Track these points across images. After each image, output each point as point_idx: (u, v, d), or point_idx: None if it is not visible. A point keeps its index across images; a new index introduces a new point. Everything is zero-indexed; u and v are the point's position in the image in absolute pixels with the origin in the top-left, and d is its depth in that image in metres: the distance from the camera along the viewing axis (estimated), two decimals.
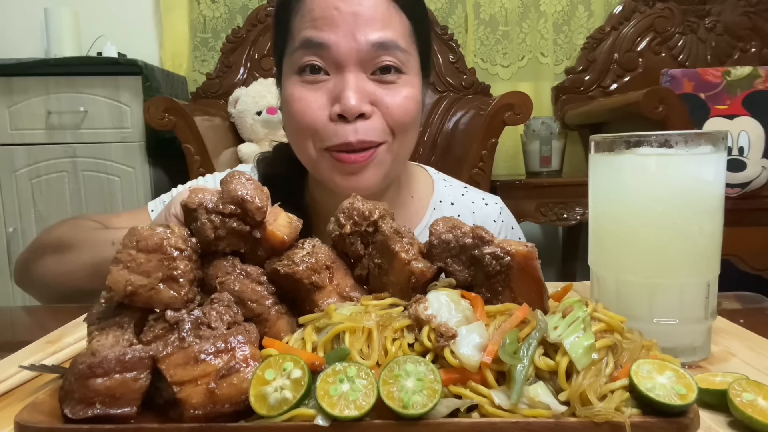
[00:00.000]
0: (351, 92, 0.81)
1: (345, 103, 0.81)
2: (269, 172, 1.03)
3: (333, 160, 0.86)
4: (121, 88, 2.28)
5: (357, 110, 0.82)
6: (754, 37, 2.78)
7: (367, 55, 0.83)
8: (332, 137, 0.84)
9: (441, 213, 1.02)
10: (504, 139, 2.61)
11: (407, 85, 0.86)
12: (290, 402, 0.43)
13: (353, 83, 0.82)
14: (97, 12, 2.72)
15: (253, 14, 2.72)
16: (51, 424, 0.45)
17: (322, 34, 0.82)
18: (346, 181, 0.86)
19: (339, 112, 0.82)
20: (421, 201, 1.03)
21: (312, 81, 0.85)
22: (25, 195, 2.29)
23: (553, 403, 0.44)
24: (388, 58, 0.84)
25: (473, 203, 1.05)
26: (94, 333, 0.50)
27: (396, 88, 0.85)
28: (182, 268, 0.50)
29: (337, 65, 0.83)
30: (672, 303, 0.61)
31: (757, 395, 0.48)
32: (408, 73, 0.87)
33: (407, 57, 0.86)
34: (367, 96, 0.83)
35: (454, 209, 1.03)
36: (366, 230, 0.60)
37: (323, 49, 0.83)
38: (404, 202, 1.01)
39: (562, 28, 2.86)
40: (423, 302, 0.51)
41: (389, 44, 0.83)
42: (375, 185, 0.88)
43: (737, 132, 2.19)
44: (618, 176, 0.64)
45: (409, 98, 0.86)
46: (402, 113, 0.85)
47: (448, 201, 1.04)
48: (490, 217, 1.04)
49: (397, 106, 0.85)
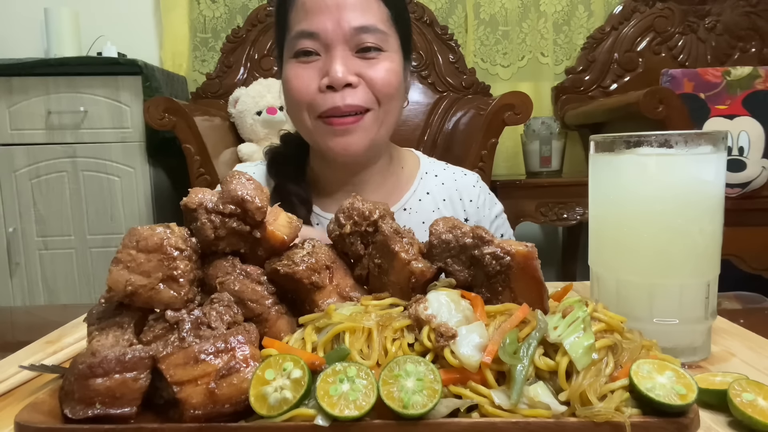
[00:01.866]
0: (338, 65, 0.95)
1: (333, 75, 0.95)
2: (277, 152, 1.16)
3: (325, 125, 0.99)
4: (121, 88, 2.28)
5: (343, 80, 0.95)
6: (754, 37, 2.78)
7: (351, 37, 0.97)
8: (322, 104, 0.97)
9: (427, 181, 1.16)
10: (504, 139, 2.61)
11: (387, 60, 1.00)
12: (290, 402, 0.43)
13: (339, 59, 0.96)
14: (97, 12, 2.72)
15: (253, 14, 2.72)
16: (51, 424, 0.45)
17: (313, 24, 0.97)
18: (336, 143, 0.99)
19: (328, 84, 0.96)
20: (410, 172, 1.18)
21: (305, 61, 0.99)
22: (25, 195, 2.28)
23: (553, 403, 0.44)
24: (369, 38, 0.98)
25: (454, 173, 1.20)
26: (94, 333, 0.50)
27: (377, 63, 0.99)
28: (182, 268, 0.50)
29: (326, 47, 0.97)
30: (672, 303, 0.61)
31: (757, 395, 0.48)
32: (388, 50, 1.00)
33: (386, 37, 1.00)
34: (352, 69, 0.97)
35: (439, 179, 1.17)
36: (366, 230, 0.60)
37: (315, 36, 0.97)
38: (395, 171, 1.15)
39: (562, 28, 2.86)
40: (423, 302, 0.51)
41: (369, 27, 0.98)
42: (363, 148, 1.00)
43: (737, 132, 2.19)
44: (618, 176, 0.64)
45: (389, 71, 1.00)
46: (384, 83, 0.99)
47: (433, 173, 1.18)
48: (470, 183, 1.18)
49: (379, 77, 0.98)
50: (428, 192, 1.14)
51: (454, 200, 1.14)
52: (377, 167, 1.10)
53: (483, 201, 1.16)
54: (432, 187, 1.15)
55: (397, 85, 1.01)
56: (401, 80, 1.03)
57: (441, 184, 1.16)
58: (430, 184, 1.15)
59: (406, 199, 1.12)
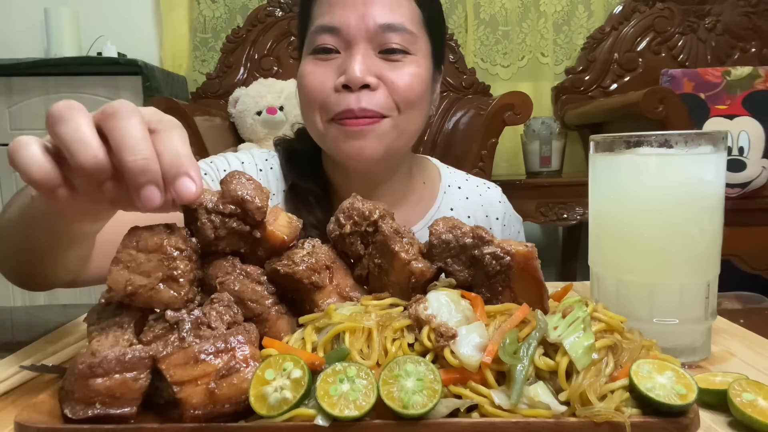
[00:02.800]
0: (356, 64, 0.87)
1: (350, 73, 0.87)
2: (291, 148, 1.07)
3: (337, 127, 0.90)
4: (121, 88, 2.28)
5: (360, 80, 0.86)
6: (754, 37, 2.78)
7: (375, 35, 0.89)
8: (335, 105, 0.89)
9: (451, 196, 1.08)
10: (504, 139, 2.61)
11: (413, 65, 0.91)
12: (290, 402, 0.43)
13: (359, 57, 0.88)
14: (97, 12, 2.72)
15: (253, 14, 2.72)
16: (51, 424, 0.45)
17: (335, 18, 0.89)
18: (349, 145, 0.90)
19: (344, 83, 0.88)
20: (432, 186, 1.09)
21: (324, 58, 0.91)
22: None
23: (553, 403, 0.44)
24: (395, 38, 0.89)
25: (477, 187, 1.12)
26: (94, 333, 0.50)
27: (401, 66, 0.90)
28: (182, 268, 0.50)
29: (347, 44, 0.89)
30: (672, 303, 0.61)
31: (757, 395, 0.48)
32: (415, 54, 0.92)
33: (414, 39, 0.91)
34: (373, 70, 0.88)
35: (462, 192, 1.10)
36: (366, 230, 0.60)
37: (336, 32, 0.89)
38: (416, 188, 1.07)
39: (562, 28, 2.86)
40: (423, 302, 0.51)
41: (396, 26, 0.89)
42: (378, 154, 0.91)
43: (737, 132, 2.19)
44: (618, 176, 0.64)
45: (414, 76, 0.90)
46: (406, 89, 0.90)
47: (456, 185, 1.11)
48: (495, 198, 1.11)
49: (402, 82, 0.89)
50: (452, 208, 1.07)
51: (478, 218, 1.07)
52: (396, 182, 1.02)
53: (509, 219, 1.11)
54: (455, 202, 1.08)
55: (420, 93, 0.92)
56: (426, 88, 0.94)
57: (465, 198, 1.09)
58: (453, 199, 1.08)
59: (431, 217, 1.05)
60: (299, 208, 1.00)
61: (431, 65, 0.95)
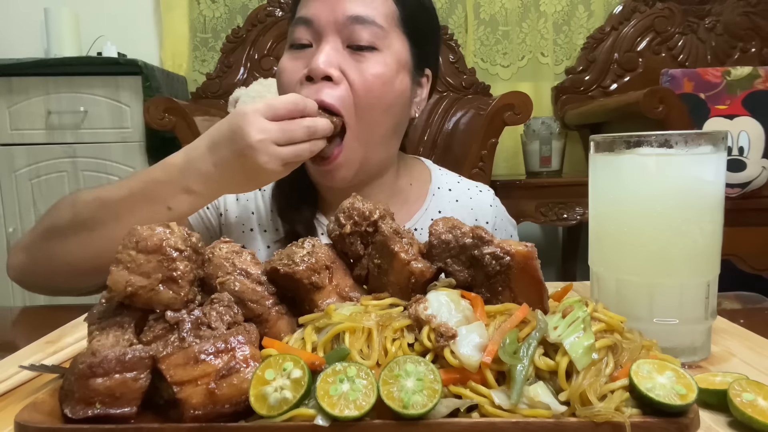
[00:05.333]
0: (320, 55, 0.86)
1: (311, 64, 0.86)
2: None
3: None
4: (121, 88, 2.28)
5: (322, 72, 0.85)
6: (754, 37, 2.78)
7: (343, 27, 0.88)
8: None
9: (440, 198, 1.06)
10: (504, 139, 2.60)
11: (379, 64, 0.88)
12: (290, 402, 0.43)
13: (326, 48, 0.87)
14: (97, 12, 2.72)
15: (253, 14, 2.72)
16: (51, 424, 0.45)
17: (310, 10, 0.90)
18: (317, 172, 0.92)
19: (306, 74, 0.87)
20: (420, 188, 1.07)
21: (298, 53, 0.91)
22: (25, 195, 2.28)
23: (553, 403, 0.44)
24: (363, 32, 0.88)
25: (469, 190, 1.10)
26: (95, 333, 0.50)
27: (366, 63, 0.88)
28: (182, 269, 0.50)
29: (318, 36, 0.89)
30: (672, 303, 0.61)
31: (757, 395, 0.48)
32: (382, 51, 0.89)
33: (384, 34, 0.89)
34: (337, 62, 0.87)
35: (452, 195, 1.08)
36: (366, 230, 0.60)
37: (309, 24, 0.89)
38: (402, 189, 1.05)
39: (562, 28, 2.86)
40: (423, 302, 0.51)
41: (365, 18, 0.88)
42: (347, 178, 0.91)
43: (737, 132, 2.19)
44: (618, 176, 0.64)
45: (376, 76, 0.88)
46: (364, 89, 0.87)
47: (446, 187, 1.08)
48: (486, 201, 1.10)
49: (362, 81, 0.87)
50: (440, 210, 1.04)
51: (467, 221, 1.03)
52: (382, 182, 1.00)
53: (500, 223, 1.09)
54: (444, 204, 1.05)
55: (380, 95, 0.88)
56: (391, 90, 0.90)
57: (455, 201, 1.06)
58: (442, 201, 1.05)
59: (417, 219, 1.03)
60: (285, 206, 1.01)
61: (407, 67, 0.93)
